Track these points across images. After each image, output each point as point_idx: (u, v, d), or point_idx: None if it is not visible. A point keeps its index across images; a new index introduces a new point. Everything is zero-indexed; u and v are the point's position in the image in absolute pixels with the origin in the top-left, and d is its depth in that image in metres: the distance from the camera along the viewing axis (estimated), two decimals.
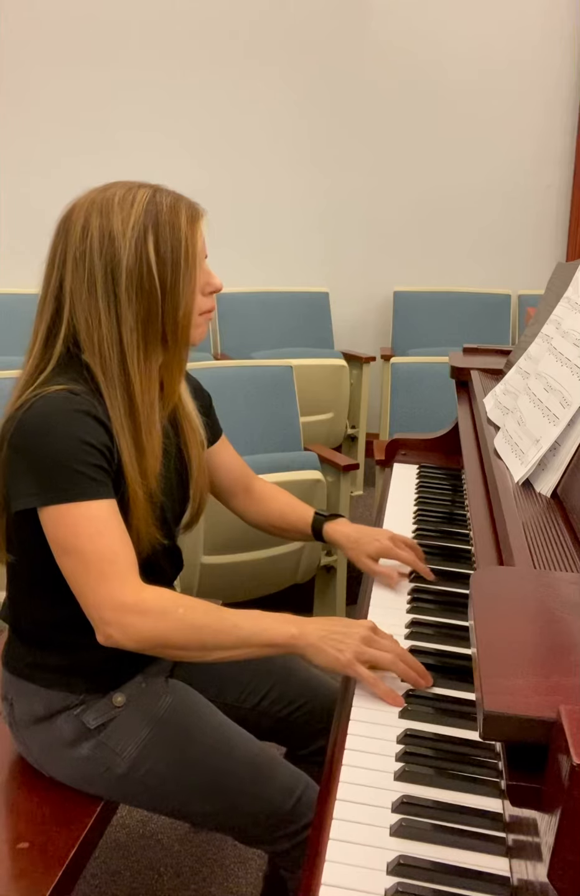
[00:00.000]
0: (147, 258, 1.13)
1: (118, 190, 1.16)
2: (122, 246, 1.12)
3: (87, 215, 1.14)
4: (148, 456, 1.17)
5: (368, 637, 1.08)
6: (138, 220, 1.13)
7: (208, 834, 1.87)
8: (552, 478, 1.17)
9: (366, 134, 4.15)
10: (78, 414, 1.11)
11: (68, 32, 3.83)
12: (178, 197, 1.18)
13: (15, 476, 1.12)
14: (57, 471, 1.09)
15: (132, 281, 1.13)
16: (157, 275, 1.13)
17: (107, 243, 1.13)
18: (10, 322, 3.64)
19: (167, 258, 1.14)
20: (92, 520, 1.10)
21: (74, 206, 1.17)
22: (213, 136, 4.05)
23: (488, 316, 4.22)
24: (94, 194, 1.16)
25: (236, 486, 1.47)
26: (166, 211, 1.14)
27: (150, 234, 1.13)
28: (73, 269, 1.14)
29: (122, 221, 1.13)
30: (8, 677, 1.28)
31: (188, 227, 1.16)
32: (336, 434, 3.67)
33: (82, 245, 1.13)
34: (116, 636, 1.09)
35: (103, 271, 1.13)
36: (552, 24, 4.05)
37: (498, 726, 0.62)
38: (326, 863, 0.81)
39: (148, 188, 1.16)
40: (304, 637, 1.09)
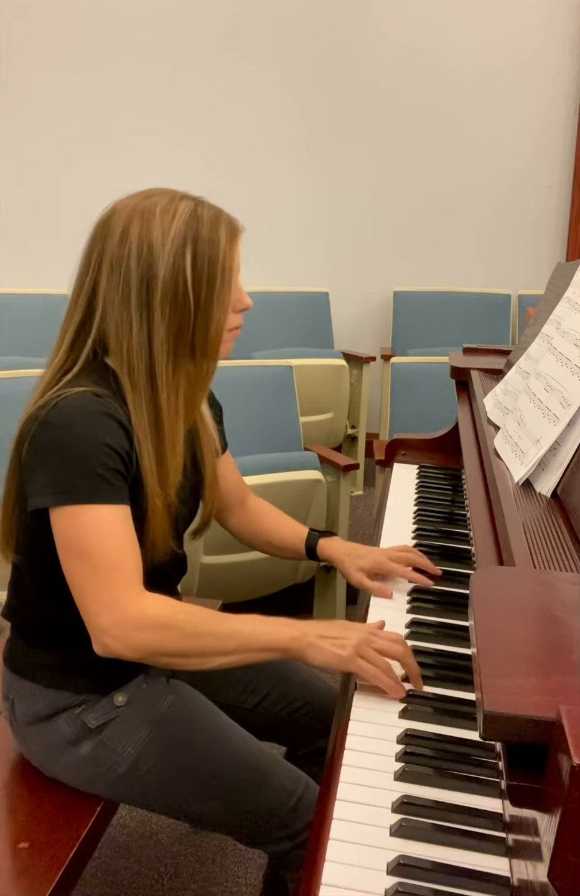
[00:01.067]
0: (183, 272, 1.11)
1: (161, 199, 1.14)
2: (161, 257, 1.11)
3: (128, 221, 1.12)
4: (169, 468, 1.17)
5: (368, 638, 1.09)
6: (178, 233, 1.12)
7: (208, 834, 1.87)
8: (552, 478, 1.17)
9: (366, 134, 4.15)
10: (101, 416, 1.11)
11: (70, 34, 3.83)
12: (219, 212, 1.17)
13: (33, 475, 1.12)
14: (75, 471, 1.09)
15: (167, 293, 1.12)
16: (191, 289, 1.12)
17: (145, 253, 1.11)
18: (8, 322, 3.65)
19: (203, 273, 1.13)
20: (103, 523, 1.10)
21: (115, 210, 1.15)
22: (213, 136, 4.05)
23: (488, 316, 4.22)
24: (135, 200, 1.15)
25: (234, 500, 1.46)
26: (207, 225, 1.13)
27: (188, 248, 1.12)
28: (108, 274, 1.13)
29: (162, 232, 1.11)
30: (9, 676, 1.28)
31: (227, 244, 1.14)
32: (336, 434, 3.67)
33: (120, 251, 1.12)
34: (113, 646, 1.08)
35: (138, 281, 1.12)
36: (552, 24, 4.05)
37: (498, 726, 0.62)
38: (326, 863, 0.81)
39: (190, 200, 1.15)
40: (304, 638, 1.09)
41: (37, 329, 3.65)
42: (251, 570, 2.37)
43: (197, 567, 2.28)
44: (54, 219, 3.92)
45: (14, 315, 3.69)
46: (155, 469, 1.15)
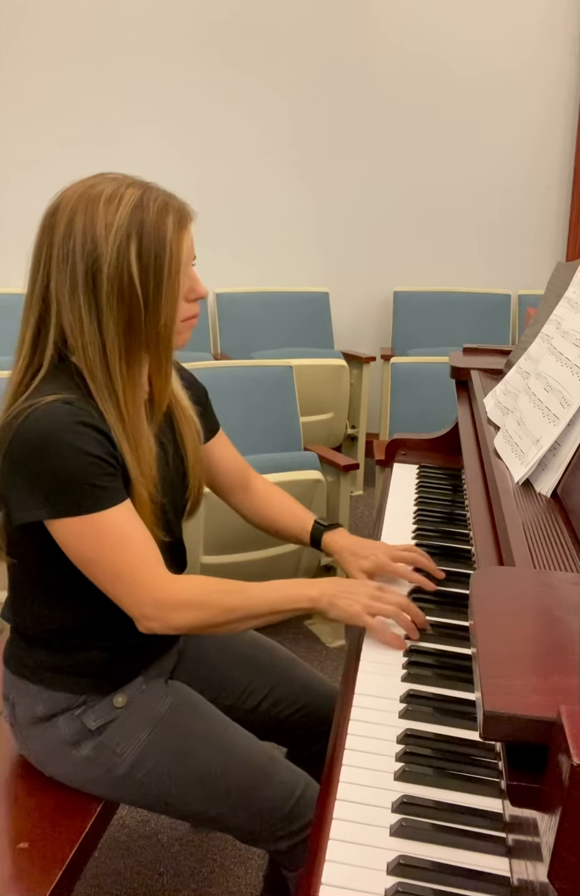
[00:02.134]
0: (128, 265, 1.09)
1: (107, 186, 1.11)
2: (105, 250, 1.08)
3: (72, 213, 1.10)
4: (142, 461, 1.16)
5: (375, 593, 1.18)
6: (122, 224, 1.09)
7: (208, 834, 1.87)
8: (552, 478, 1.17)
9: (366, 134, 4.15)
10: (77, 426, 1.09)
11: (64, 30, 3.82)
12: (168, 199, 1.13)
13: (14, 488, 1.10)
14: (67, 486, 1.08)
15: (113, 288, 1.09)
16: (138, 284, 1.09)
17: (89, 246, 1.09)
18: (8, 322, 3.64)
19: (150, 266, 1.10)
20: (112, 530, 1.10)
21: (60, 201, 1.12)
22: (213, 136, 4.05)
23: (488, 316, 4.22)
24: (80, 189, 1.12)
25: (234, 482, 1.46)
26: (153, 215, 1.10)
27: (133, 240, 1.09)
28: (57, 270, 1.11)
29: (105, 224, 1.08)
30: (9, 677, 1.28)
31: (174, 234, 1.11)
32: (336, 434, 3.67)
33: (65, 246, 1.10)
34: (157, 628, 1.15)
35: (84, 275, 1.09)
36: (552, 24, 4.05)
37: (498, 726, 0.62)
38: (326, 863, 0.81)
39: (137, 187, 1.11)
40: (323, 597, 1.17)
41: None
42: (251, 569, 2.37)
43: (197, 567, 2.28)
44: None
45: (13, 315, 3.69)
46: (135, 461, 1.15)
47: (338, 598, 1.17)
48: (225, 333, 4.06)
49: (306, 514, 1.46)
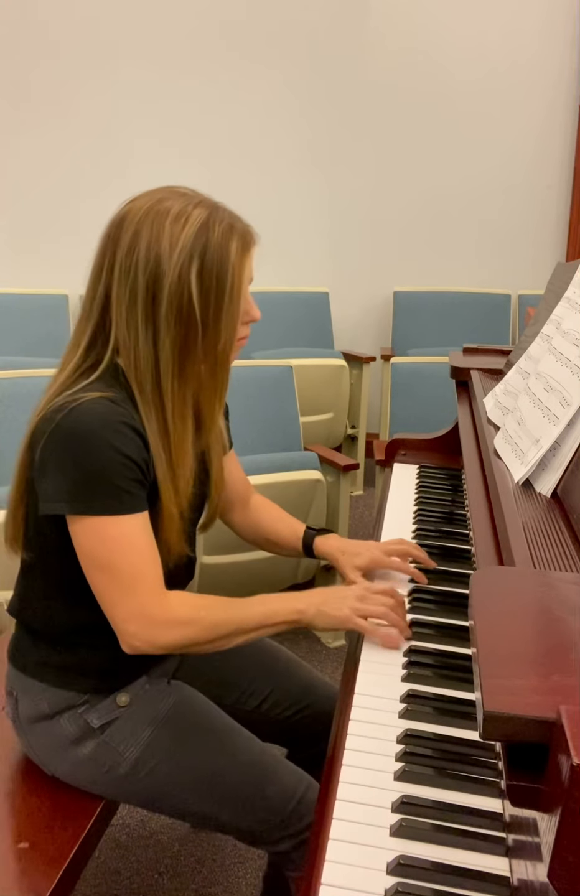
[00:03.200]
0: (189, 286, 1.09)
1: (175, 203, 1.11)
2: (167, 269, 1.08)
3: (138, 227, 1.10)
4: (180, 478, 1.16)
5: (362, 595, 1.18)
6: (187, 244, 1.08)
7: (208, 834, 1.87)
8: (552, 478, 1.17)
9: (366, 134, 4.15)
10: (118, 425, 1.09)
11: (70, 32, 3.83)
12: (234, 222, 1.13)
13: (47, 479, 1.11)
14: (96, 483, 1.08)
15: (172, 307, 1.09)
16: (197, 305, 1.09)
17: (152, 263, 1.08)
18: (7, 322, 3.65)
19: (211, 289, 1.10)
20: (126, 536, 1.10)
21: (127, 213, 1.12)
22: (213, 136, 4.05)
23: (488, 316, 4.22)
24: (148, 203, 1.11)
25: (237, 499, 1.46)
26: (218, 237, 1.10)
27: (195, 261, 1.09)
28: (117, 281, 1.11)
29: (170, 243, 1.08)
30: (14, 673, 1.28)
31: (237, 258, 1.11)
32: (336, 434, 3.67)
33: (128, 259, 1.10)
34: (143, 647, 1.13)
35: (144, 291, 1.09)
36: (552, 24, 4.05)
37: (498, 726, 0.62)
38: (326, 863, 0.81)
39: (204, 208, 1.11)
40: (309, 609, 1.16)
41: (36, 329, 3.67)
42: (251, 570, 2.37)
43: (197, 567, 2.28)
44: (54, 219, 3.93)
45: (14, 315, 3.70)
46: (169, 479, 1.15)
47: (325, 605, 1.16)
48: None
49: (297, 523, 1.47)
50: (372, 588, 1.20)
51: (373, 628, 1.15)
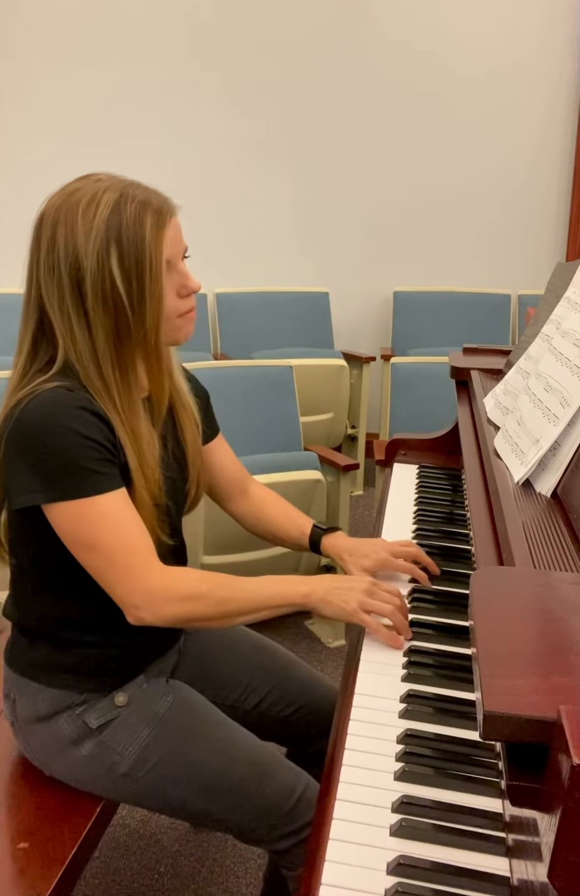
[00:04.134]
0: (110, 272, 1.09)
1: (85, 193, 1.11)
2: (85, 260, 1.09)
3: (55, 224, 1.11)
4: (147, 464, 1.17)
5: (370, 589, 1.18)
6: (100, 232, 1.09)
7: (208, 834, 1.87)
8: (552, 478, 1.17)
9: (366, 134, 4.15)
10: (76, 409, 1.10)
11: (53, 30, 3.82)
12: (146, 199, 1.12)
13: (15, 474, 1.12)
14: (63, 468, 1.09)
15: (97, 296, 1.10)
16: (122, 290, 1.10)
17: (72, 257, 1.10)
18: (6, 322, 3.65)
19: (132, 271, 1.10)
20: (108, 515, 1.11)
21: (44, 212, 1.14)
22: (211, 136, 4.05)
23: (488, 316, 4.22)
24: (61, 198, 1.13)
25: (233, 488, 1.46)
26: (130, 217, 1.10)
27: (112, 247, 1.09)
28: (45, 279, 1.13)
29: (84, 234, 1.09)
30: (10, 675, 1.28)
31: (153, 236, 1.11)
32: (336, 434, 3.67)
33: (51, 257, 1.11)
34: (148, 619, 1.13)
35: (70, 285, 1.11)
36: (552, 23, 4.05)
37: (498, 726, 0.62)
38: (326, 863, 0.81)
39: (114, 191, 1.11)
40: (315, 593, 1.17)
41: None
42: (251, 569, 2.37)
43: (197, 567, 2.28)
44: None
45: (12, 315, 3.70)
46: (138, 465, 1.15)
47: (332, 594, 1.17)
48: (225, 333, 4.06)
49: (304, 518, 1.46)
50: (380, 585, 1.20)
51: (377, 625, 1.16)
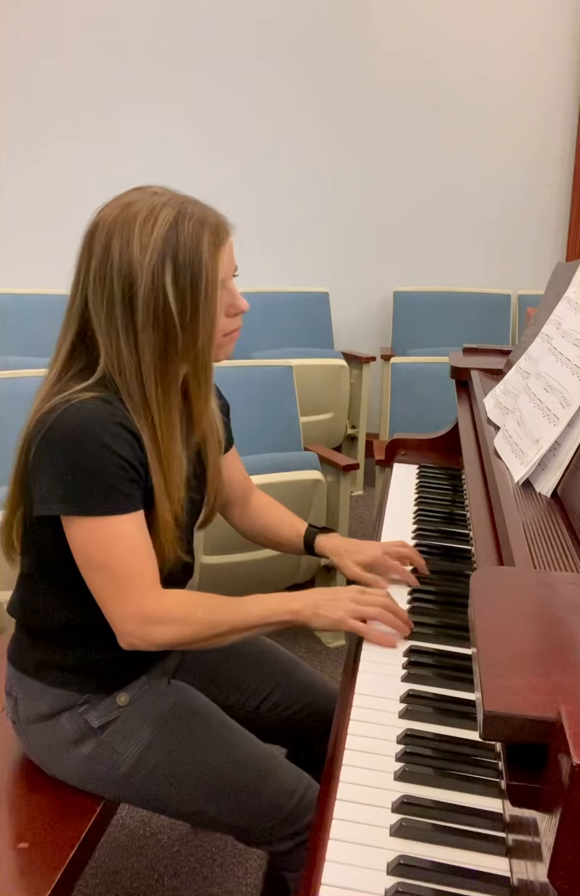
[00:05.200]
0: (164, 289, 1.09)
1: (143, 206, 1.10)
2: (140, 275, 1.08)
3: (109, 236, 1.10)
4: (173, 484, 1.17)
5: (357, 597, 1.18)
6: (157, 248, 1.08)
7: (208, 834, 1.87)
8: (552, 478, 1.17)
9: (366, 134, 4.15)
10: (113, 426, 1.09)
11: (71, 31, 3.83)
12: (204, 218, 1.12)
13: (41, 480, 1.11)
14: (90, 484, 1.09)
15: (149, 312, 1.09)
16: (174, 307, 1.09)
17: (125, 270, 1.09)
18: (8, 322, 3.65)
19: (186, 290, 1.09)
20: (123, 536, 1.11)
21: (99, 222, 1.12)
22: (214, 136, 4.05)
23: (488, 316, 4.22)
24: (117, 210, 1.11)
25: (237, 497, 1.46)
26: (188, 235, 1.09)
27: (168, 263, 1.08)
28: (93, 290, 1.11)
29: (140, 248, 1.08)
30: (13, 674, 1.28)
31: (210, 256, 1.10)
32: (336, 434, 3.67)
33: (102, 268, 1.10)
34: (140, 644, 1.14)
35: (121, 298, 1.10)
36: (552, 25, 4.05)
37: (498, 726, 0.62)
38: (326, 863, 0.81)
39: (172, 207, 1.11)
40: (305, 609, 1.17)
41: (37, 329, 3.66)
42: (251, 570, 2.37)
43: (197, 567, 2.28)
44: (55, 218, 3.92)
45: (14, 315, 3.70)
46: (162, 485, 1.15)
47: (320, 607, 1.17)
48: None
49: (299, 521, 1.47)
50: (366, 590, 1.21)
51: (366, 627, 1.16)
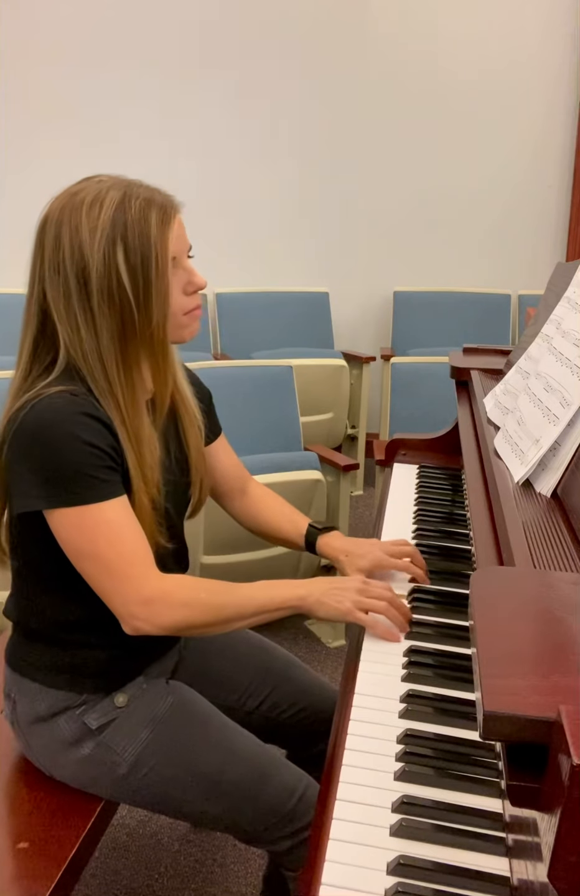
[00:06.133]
0: (116, 269, 1.10)
1: (88, 193, 1.12)
2: (92, 258, 1.10)
3: (59, 224, 1.11)
4: (147, 465, 1.17)
5: (363, 588, 1.19)
6: (105, 230, 1.09)
7: (208, 834, 1.87)
8: (552, 478, 1.17)
9: (366, 134, 4.15)
10: (81, 416, 1.10)
11: (60, 32, 3.83)
12: (150, 197, 1.13)
13: (17, 477, 1.12)
14: (65, 475, 1.09)
15: (103, 294, 1.11)
16: (128, 286, 1.10)
17: (77, 256, 1.10)
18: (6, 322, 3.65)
19: (137, 268, 1.10)
20: (107, 523, 1.11)
21: (48, 213, 1.14)
22: (213, 136, 4.05)
23: (488, 316, 4.22)
24: (65, 198, 1.13)
25: (232, 487, 1.46)
26: (135, 217, 1.10)
27: (118, 244, 1.10)
28: (50, 281, 1.13)
29: (89, 231, 1.10)
30: (11, 675, 1.28)
31: (158, 233, 1.11)
32: (336, 434, 3.67)
33: (56, 257, 1.12)
34: (145, 627, 1.14)
35: (76, 284, 1.11)
36: (552, 24, 4.05)
37: (498, 726, 0.62)
38: (326, 863, 0.81)
39: (118, 189, 1.12)
40: (310, 596, 1.18)
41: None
42: (251, 569, 2.37)
43: (197, 567, 2.28)
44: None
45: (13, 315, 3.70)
46: (138, 469, 1.15)
47: (327, 596, 1.17)
48: (225, 333, 4.06)
49: (302, 518, 1.46)
50: (372, 583, 1.22)
51: (373, 621, 1.17)
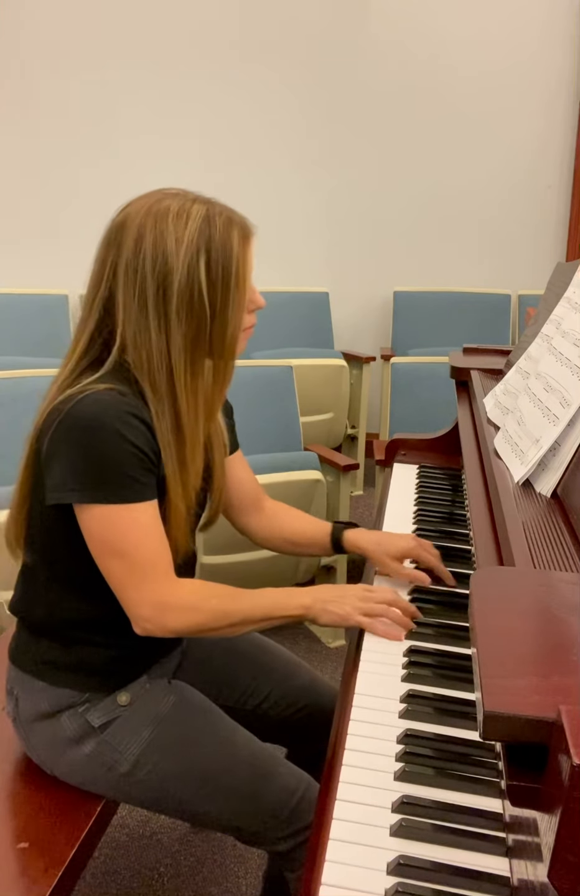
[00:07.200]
0: (198, 279, 1.12)
1: (172, 202, 1.14)
2: (175, 265, 1.11)
3: (141, 227, 1.12)
4: (190, 472, 1.18)
5: (363, 595, 1.21)
6: (192, 239, 1.12)
7: (208, 834, 1.87)
8: (552, 478, 1.17)
9: (366, 134, 4.15)
10: (127, 415, 1.11)
11: (69, 34, 3.83)
12: (232, 214, 1.17)
13: (55, 468, 1.12)
14: (105, 471, 1.10)
15: (183, 301, 1.12)
16: (206, 295, 1.13)
17: (160, 261, 1.11)
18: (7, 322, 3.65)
19: (218, 279, 1.13)
20: (139, 524, 1.12)
21: (127, 215, 1.14)
22: (213, 137, 4.05)
23: (488, 316, 4.22)
24: (147, 204, 1.14)
25: (247, 503, 1.45)
26: (220, 230, 1.13)
27: (202, 255, 1.12)
28: (124, 282, 1.13)
29: (176, 239, 1.11)
30: (14, 672, 1.28)
31: (240, 248, 1.15)
32: (336, 434, 3.67)
33: (135, 259, 1.12)
34: (155, 631, 1.16)
35: (155, 289, 1.12)
36: (552, 23, 4.05)
37: (498, 726, 0.62)
38: (326, 863, 0.81)
39: (202, 203, 1.15)
40: (315, 604, 1.19)
41: (36, 329, 3.67)
42: (251, 569, 2.37)
43: (197, 567, 2.28)
44: (54, 218, 3.93)
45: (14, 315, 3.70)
46: (178, 474, 1.17)
47: (329, 602, 1.19)
48: None
49: (320, 520, 1.48)
50: (373, 588, 1.23)
51: (372, 623, 1.18)
